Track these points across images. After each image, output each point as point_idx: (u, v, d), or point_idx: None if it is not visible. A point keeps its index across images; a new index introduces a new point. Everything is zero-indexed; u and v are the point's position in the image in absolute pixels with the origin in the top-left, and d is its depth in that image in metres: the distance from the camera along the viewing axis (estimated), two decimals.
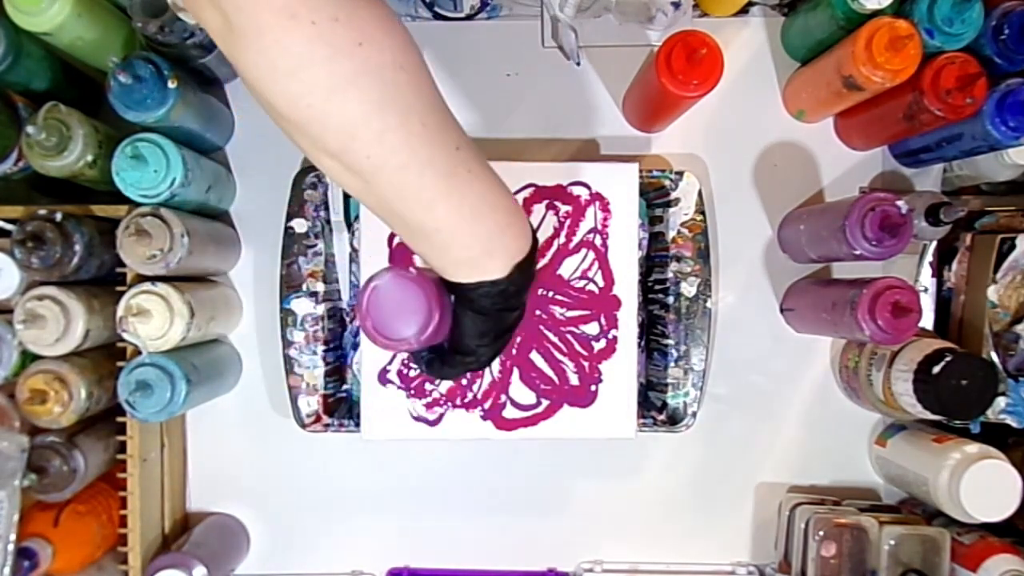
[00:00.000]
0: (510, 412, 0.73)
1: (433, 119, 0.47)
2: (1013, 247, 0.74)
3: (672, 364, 0.76)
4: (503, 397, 0.73)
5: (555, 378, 0.73)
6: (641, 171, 0.73)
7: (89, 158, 0.67)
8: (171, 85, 0.66)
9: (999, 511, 0.69)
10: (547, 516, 0.83)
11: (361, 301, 0.52)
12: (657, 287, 0.78)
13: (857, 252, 0.67)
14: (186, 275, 0.74)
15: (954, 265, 0.78)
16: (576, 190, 0.73)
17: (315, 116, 0.43)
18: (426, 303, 0.51)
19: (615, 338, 0.73)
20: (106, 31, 0.68)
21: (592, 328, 0.73)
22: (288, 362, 0.75)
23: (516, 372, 0.73)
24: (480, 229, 0.50)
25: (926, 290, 0.79)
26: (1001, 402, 0.73)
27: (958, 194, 0.80)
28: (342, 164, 0.46)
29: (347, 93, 0.43)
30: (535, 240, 0.54)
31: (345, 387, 0.79)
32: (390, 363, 0.72)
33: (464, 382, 0.73)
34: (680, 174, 0.76)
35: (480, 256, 0.51)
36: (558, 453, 0.82)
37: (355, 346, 0.77)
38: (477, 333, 0.54)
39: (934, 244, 0.78)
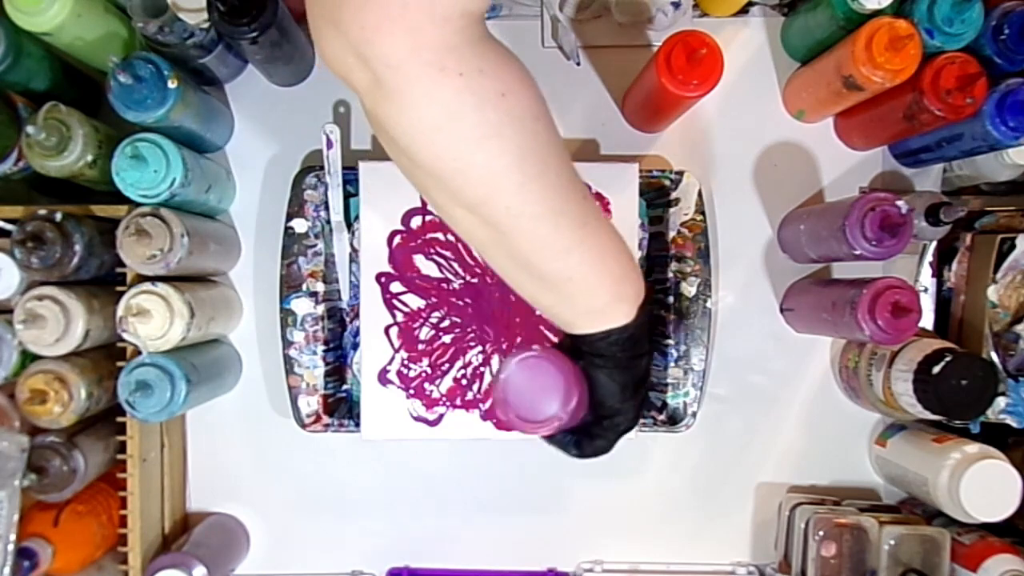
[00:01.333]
0: None
1: (566, 169, 0.48)
2: (1013, 247, 0.74)
3: (672, 364, 0.76)
4: None
5: None
6: (641, 171, 0.74)
7: (89, 158, 0.67)
8: (171, 85, 0.66)
9: (999, 511, 0.69)
10: (547, 516, 0.83)
11: (497, 396, 0.52)
12: (657, 287, 0.78)
13: (857, 252, 0.67)
14: (186, 275, 0.74)
15: (954, 265, 0.78)
16: None
17: (460, 168, 0.44)
18: (561, 374, 0.51)
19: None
20: (106, 31, 0.68)
21: None
22: (288, 362, 0.75)
23: None
24: (608, 276, 0.51)
25: (926, 290, 0.79)
26: (1001, 402, 0.73)
27: (958, 194, 0.80)
28: (479, 217, 0.47)
29: (492, 144, 0.43)
30: (648, 282, 0.55)
31: (345, 387, 0.79)
32: (390, 363, 0.72)
33: (464, 382, 0.73)
34: (680, 174, 0.76)
35: (610, 303, 0.51)
36: (558, 453, 0.82)
37: (355, 346, 0.77)
38: (617, 390, 0.54)
39: (934, 244, 0.78)
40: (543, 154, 0.46)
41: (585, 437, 0.57)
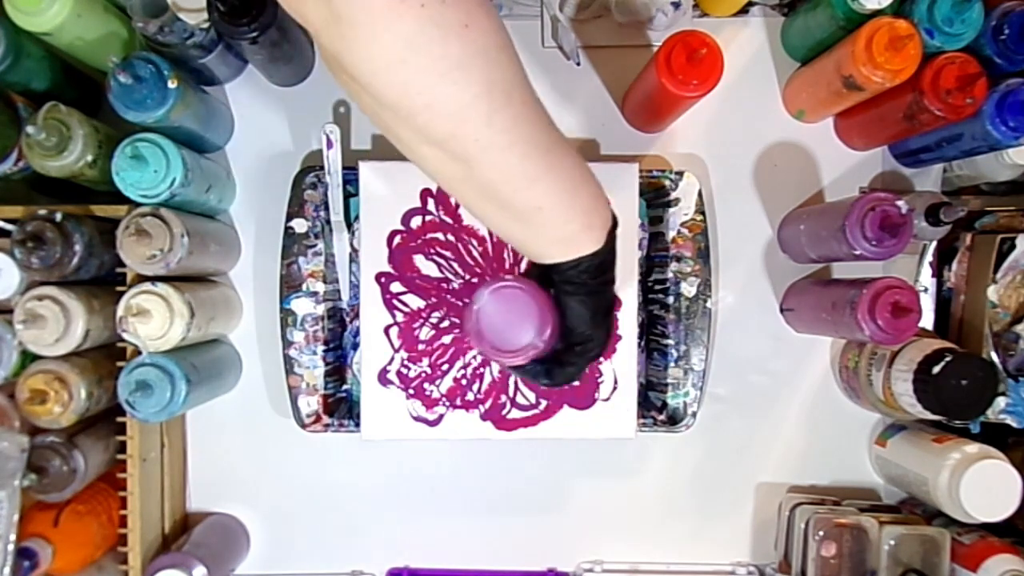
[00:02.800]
0: (510, 412, 0.73)
1: (531, 97, 0.47)
2: (1013, 247, 0.74)
3: (672, 364, 0.76)
4: (503, 397, 0.73)
5: None
6: (641, 171, 0.73)
7: (89, 158, 0.67)
8: (171, 85, 0.66)
9: (999, 511, 0.69)
10: (547, 516, 0.83)
11: (471, 327, 0.52)
12: (657, 287, 0.78)
13: (857, 252, 0.67)
14: (186, 275, 0.74)
15: (954, 265, 0.78)
16: None
17: (425, 102, 0.43)
18: (534, 303, 0.51)
19: (615, 338, 0.73)
20: (106, 31, 0.68)
21: None
22: (288, 362, 0.75)
23: None
24: (577, 202, 0.50)
25: (926, 290, 0.79)
26: (1001, 402, 0.73)
27: (958, 194, 0.80)
28: (447, 152, 0.46)
29: (458, 76, 0.43)
30: (615, 213, 0.54)
31: (345, 387, 0.79)
32: (390, 363, 0.72)
33: (464, 382, 0.73)
34: (680, 174, 0.76)
35: (580, 230, 0.51)
36: (558, 453, 0.82)
37: (355, 346, 0.77)
38: (588, 316, 0.54)
39: (934, 244, 0.78)
40: (509, 84, 0.45)
41: (556, 365, 0.56)
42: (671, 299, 0.76)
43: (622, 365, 0.73)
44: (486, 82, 0.44)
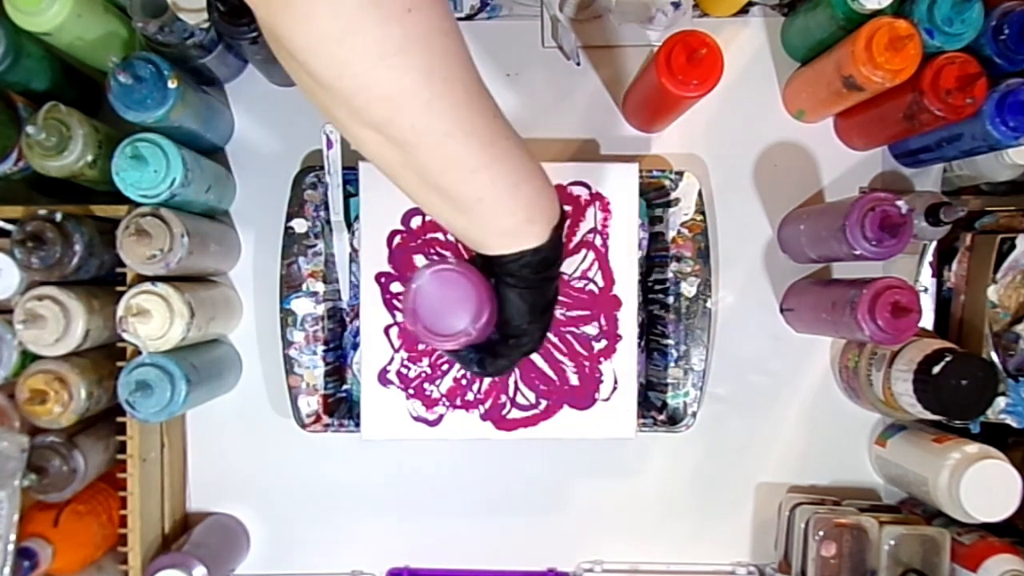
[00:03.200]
0: (510, 412, 0.73)
1: (475, 86, 0.46)
2: (1013, 247, 0.74)
3: (672, 364, 0.76)
4: (503, 397, 0.73)
5: (555, 378, 0.73)
6: (641, 171, 0.73)
7: (89, 158, 0.67)
8: (171, 85, 0.66)
9: (999, 511, 0.69)
10: (547, 516, 0.83)
11: (406, 306, 0.51)
12: (657, 287, 0.78)
13: (857, 252, 0.67)
14: (186, 275, 0.74)
15: (954, 265, 0.78)
16: (576, 190, 0.73)
17: (362, 85, 0.42)
18: (473, 289, 0.50)
19: (615, 338, 0.73)
20: (106, 31, 0.68)
21: (592, 328, 0.73)
22: (288, 362, 0.75)
23: (516, 372, 0.73)
24: (521, 196, 0.50)
25: (926, 290, 0.79)
26: (1001, 402, 0.73)
27: (958, 194, 0.80)
28: (384, 136, 0.45)
29: (396, 61, 0.42)
30: (562, 206, 0.54)
31: (345, 387, 0.79)
32: (390, 363, 0.72)
33: (464, 382, 0.73)
34: (680, 174, 0.76)
35: (522, 223, 0.50)
36: (558, 453, 0.82)
37: (355, 346, 0.77)
38: (526, 310, 0.53)
39: (934, 244, 0.78)
40: (451, 71, 0.44)
41: (489, 355, 0.56)
42: (671, 299, 0.76)
43: (622, 365, 0.73)
44: (426, 68, 0.43)
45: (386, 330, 0.72)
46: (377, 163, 0.49)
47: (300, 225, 0.75)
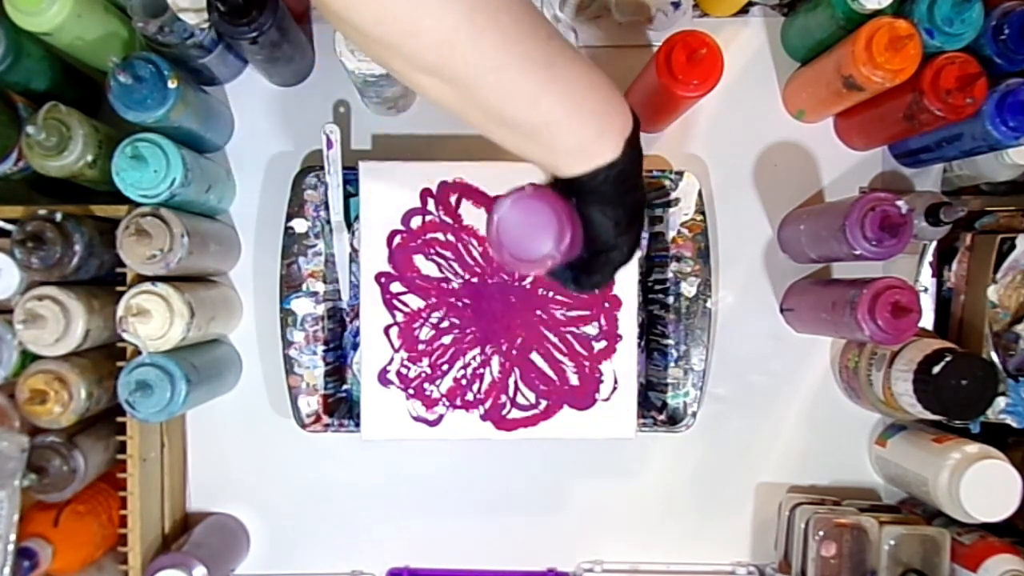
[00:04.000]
0: (510, 412, 0.73)
1: (523, 12, 0.46)
2: (1013, 247, 0.74)
3: (672, 364, 0.76)
4: (503, 398, 0.73)
5: (555, 378, 0.73)
6: None
7: (89, 158, 0.67)
8: (171, 85, 0.66)
9: (999, 511, 0.69)
10: (547, 516, 0.83)
11: (490, 237, 0.51)
12: (657, 287, 0.78)
13: (857, 252, 0.67)
14: (186, 275, 0.74)
15: (954, 265, 0.78)
16: None
17: (409, 31, 0.43)
18: (553, 213, 0.49)
19: (615, 338, 0.73)
20: (106, 31, 0.68)
21: (592, 328, 0.73)
22: (288, 362, 0.75)
23: (516, 373, 0.73)
24: (587, 114, 0.49)
25: (926, 290, 0.79)
26: (1001, 402, 0.73)
27: (958, 194, 0.80)
28: (441, 78, 0.46)
29: (434, 1, 0.42)
30: (635, 115, 0.53)
31: (345, 387, 0.79)
32: (390, 363, 0.72)
33: (464, 382, 0.73)
34: (680, 174, 0.76)
35: (592, 141, 0.50)
36: (558, 453, 0.82)
37: (355, 346, 0.77)
38: (611, 226, 0.52)
39: (934, 244, 0.78)
40: (494, 3, 0.44)
41: (583, 272, 0.56)
42: (671, 299, 0.76)
43: (622, 365, 0.73)
44: (467, 5, 0.43)
45: (386, 330, 0.72)
46: (442, 105, 0.49)
47: (300, 225, 0.75)
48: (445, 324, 0.73)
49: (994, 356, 0.74)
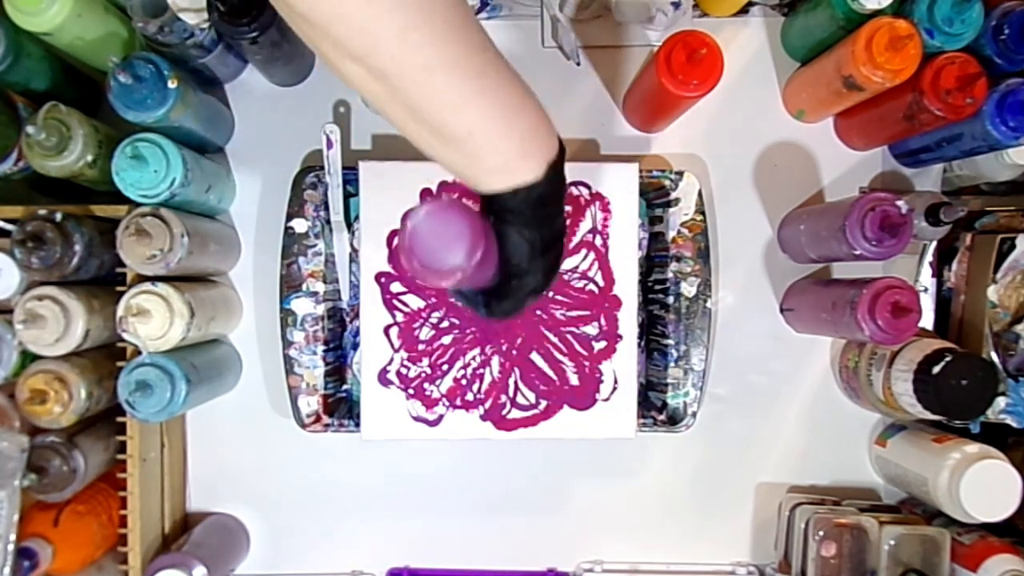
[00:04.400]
0: (510, 412, 0.73)
1: (459, 18, 0.46)
2: (1013, 247, 0.74)
3: (672, 364, 0.76)
4: (503, 398, 0.73)
5: (555, 378, 0.73)
6: (641, 171, 0.73)
7: (89, 158, 0.67)
8: (171, 85, 0.66)
9: (999, 511, 0.69)
10: (547, 516, 0.83)
11: (402, 244, 0.50)
12: (657, 287, 0.78)
13: (857, 252, 0.67)
14: (186, 275, 0.74)
15: (954, 265, 0.78)
16: (576, 190, 0.73)
17: (338, 15, 0.42)
18: (467, 225, 0.49)
19: (615, 338, 0.73)
20: (106, 31, 0.68)
21: (592, 328, 0.73)
22: (288, 362, 0.75)
23: (516, 373, 0.73)
24: (513, 131, 0.49)
25: (926, 290, 0.79)
26: (1001, 402, 0.73)
27: (958, 194, 0.80)
28: (366, 69, 0.45)
29: None
30: (561, 142, 0.53)
31: (345, 387, 0.79)
32: (390, 363, 0.72)
33: (464, 382, 0.73)
34: (680, 174, 0.76)
35: (515, 159, 0.49)
36: (558, 453, 0.82)
37: (355, 346, 0.77)
38: (526, 249, 0.52)
39: (934, 244, 0.78)
40: (427, 1, 0.44)
41: (494, 297, 0.55)
42: (671, 299, 0.76)
43: (622, 365, 0.73)
44: None
45: (386, 330, 0.72)
46: (370, 98, 0.48)
47: (300, 225, 0.75)
48: (445, 324, 0.73)
49: (994, 356, 0.74)
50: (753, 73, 0.81)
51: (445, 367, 0.73)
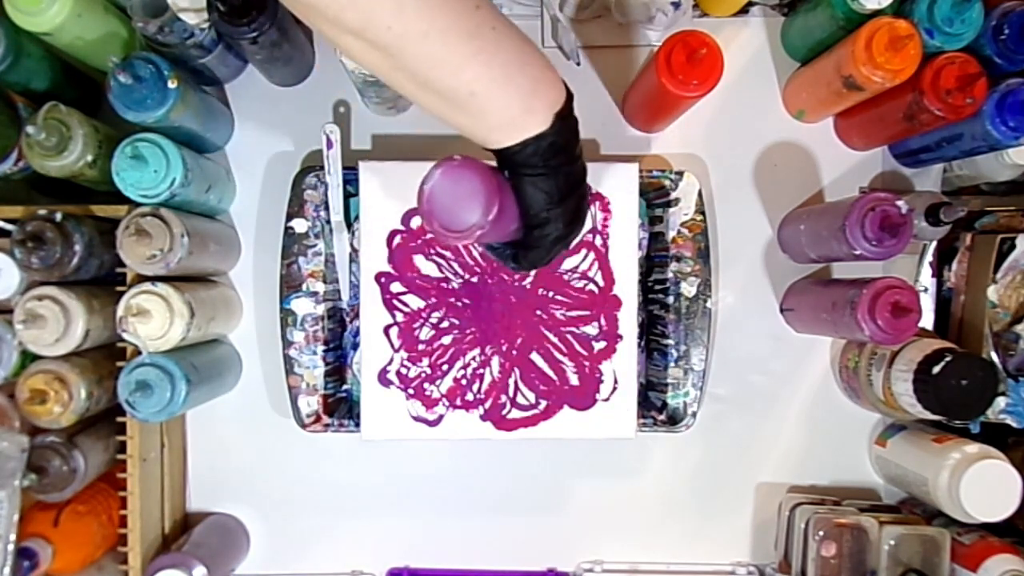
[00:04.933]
0: (510, 413, 0.73)
1: None
2: (1013, 247, 0.74)
3: (672, 364, 0.76)
4: (503, 398, 0.73)
5: (555, 378, 0.73)
6: (641, 171, 0.73)
7: (89, 158, 0.67)
8: (171, 85, 0.66)
9: (999, 511, 0.69)
10: (547, 516, 0.83)
11: (421, 208, 0.51)
12: (657, 287, 0.78)
13: (857, 252, 0.67)
14: (186, 275, 0.74)
15: (954, 265, 0.78)
16: None
17: None
18: (481, 182, 0.49)
19: (615, 338, 0.73)
20: (106, 31, 0.68)
21: (592, 328, 0.73)
22: (288, 362, 0.75)
23: (516, 373, 0.73)
24: (513, 86, 0.49)
25: (926, 290, 0.79)
26: (1001, 402, 0.73)
27: (958, 194, 0.80)
28: (366, 41, 0.46)
29: None
30: (568, 90, 0.53)
31: (345, 387, 0.79)
32: (390, 363, 0.72)
33: (464, 382, 0.73)
34: (680, 174, 0.76)
35: (520, 114, 0.50)
36: (558, 453, 0.82)
37: (355, 346, 0.77)
38: (543, 199, 0.52)
39: (934, 244, 0.78)
40: None
41: (521, 249, 0.55)
42: (671, 299, 0.76)
43: (622, 365, 0.73)
44: None
45: (386, 330, 0.72)
46: (371, 70, 0.49)
47: (300, 225, 0.75)
48: (445, 324, 0.73)
49: (994, 356, 0.74)
50: (753, 73, 0.81)
51: (445, 367, 0.73)
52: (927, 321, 0.78)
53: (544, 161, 0.51)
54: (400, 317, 0.72)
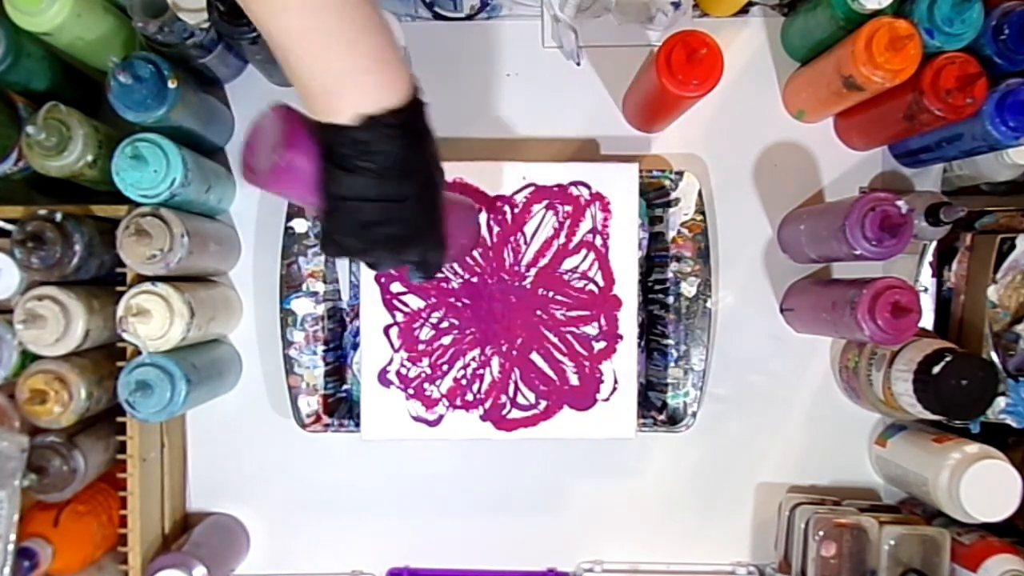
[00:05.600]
0: (510, 413, 0.73)
1: None
2: (1013, 247, 0.74)
3: (672, 364, 0.76)
4: (503, 398, 0.73)
5: (555, 378, 0.73)
6: (641, 171, 0.73)
7: (89, 158, 0.67)
8: (171, 85, 0.66)
9: (999, 511, 0.69)
10: (547, 516, 0.83)
11: (244, 139, 0.51)
12: (657, 287, 0.78)
13: (857, 252, 0.67)
14: (186, 275, 0.74)
15: (954, 265, 0.78)
16: (576, 190, 0.73)
17: None
18: (281, 134, 0.48)
19: (615, 338, 0.73)
20: (106, 31, 0.68)
21: (592, 328, 0.73)
22: (288, 362, 0.75)
23: (516, 373, 0.73)
24: (325, 61, 0.46)
25: (926, 290, 0.79)
26: (1001, 402, 0.73)
27: (958, 194, 0.80)
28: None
29: None
30: (414, 106, 0.49)
31: (345, 387, 0.79)
32: (390, 363, 0.72)
33: (464, 382, 0.73)
34: (680, 174, 0.76)
35: (325, 93, 0.47)
36: (558, 453, 0.82)
37: (355, 346, 0.77)
38: (336, 191, 0.49)
39: (934, 244, 0.78)
40: None
41: (323, 224, 0.52)
42: (671, 299, 0.76)
43: (622, 365, 0.73)
44: None
45: (386, 330, 0.72)
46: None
47: (300, 225, 0.75)
48: (445, 324, 0.73)
49: (994, 356, 0.74)
50: (753, 73, 0.81)
51: (445, 367, 0.73)
52: (927, 321, 0.78)
53: (345, 157, 0.48)
54: (400, 317, 0.72)
